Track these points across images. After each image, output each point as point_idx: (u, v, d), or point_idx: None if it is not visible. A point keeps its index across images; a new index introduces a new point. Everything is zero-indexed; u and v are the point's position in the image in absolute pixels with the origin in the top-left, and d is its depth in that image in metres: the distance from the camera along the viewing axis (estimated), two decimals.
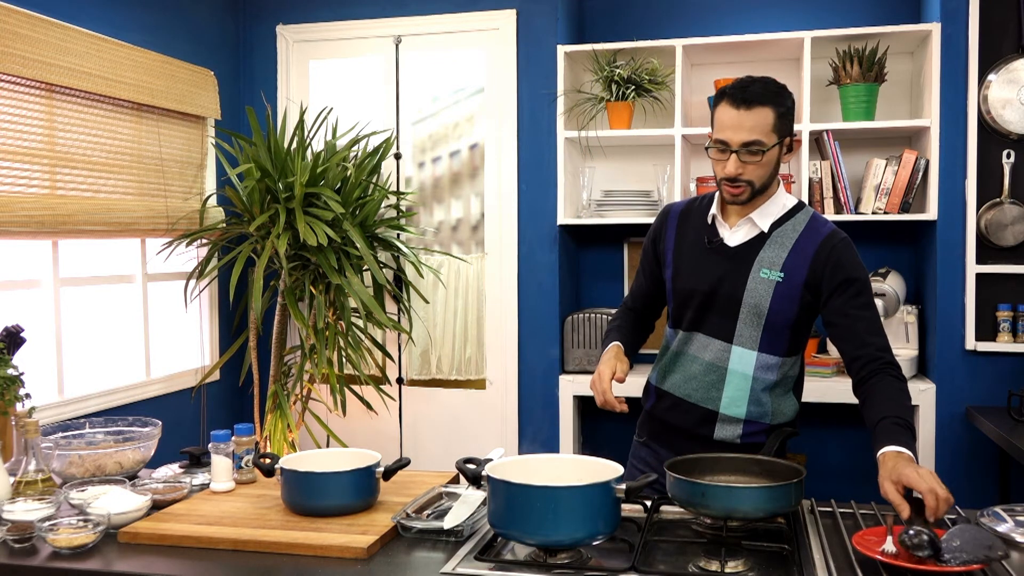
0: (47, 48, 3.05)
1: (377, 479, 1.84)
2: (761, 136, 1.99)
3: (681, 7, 4.18)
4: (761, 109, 1.99)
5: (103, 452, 2.07)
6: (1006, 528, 1.66)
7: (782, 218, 2.09)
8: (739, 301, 2.06)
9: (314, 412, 3.92)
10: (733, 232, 2.10)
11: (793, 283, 2.04)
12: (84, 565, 1.59)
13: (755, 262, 2.06)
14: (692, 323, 2.13)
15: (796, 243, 2.06)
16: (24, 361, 2.43)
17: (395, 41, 4.08)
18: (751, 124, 1.98)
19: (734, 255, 2.08)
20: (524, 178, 3.97)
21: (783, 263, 2.04)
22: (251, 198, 3.60)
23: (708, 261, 2.11)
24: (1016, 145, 3.50)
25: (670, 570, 1.53)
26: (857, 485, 4.07)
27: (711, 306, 2.10)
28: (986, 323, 3.53)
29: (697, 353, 2.13)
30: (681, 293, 2.15)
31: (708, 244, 2.11)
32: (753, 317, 2.05)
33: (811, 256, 2.04)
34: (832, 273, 2.02)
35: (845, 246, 2.06)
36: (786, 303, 2.04)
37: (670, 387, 2.19)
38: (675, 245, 2.18)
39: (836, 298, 2.02)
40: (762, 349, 2.08)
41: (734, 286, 2.06)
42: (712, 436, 2.12)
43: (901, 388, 1.94)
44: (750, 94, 1.99)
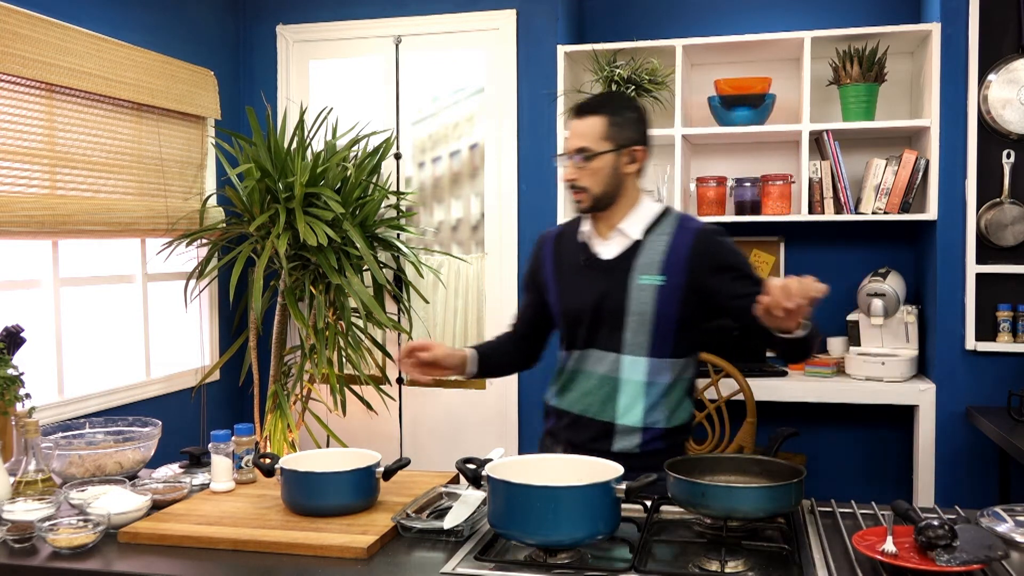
0: (47, 48, 3.05)
1: (377, 479, 1.84)
2: (589, 143, 2.08)
3: (681, 7, 4.18)
4: (593, 117, 2.08)
5: (103, 452, 2.07)
6: (1006, 528, 1.66)
7: (652, 224, 2.15)
8: (623, 311, 2.10)
9: (314, 412, 3.92)
10: (606, 245, 2.15)
11: (674, 284, 2.08)
12: (84, 565, 1.59)
13: (632, 270, 2.11)
14: (584, 341, 2.17)
15: (670, 245, 2.11)
16: (24, 361, 2.43)
17: (395, 41, 4.08)
18: (581, 131, 2.08)
19: (611, 267, 2.13)
20: (524, 178, 3.97)
21: (661, 266, 2.09)
22: (251, 198, 3.60)
23: (587, 278, 2.15)
24: (1016, 145, 3.50)
25: (670, 570, 1.53)
26: (857, 485, 4.08)
27: (599, 321, 2.14)
28: (986, 323, 3.52)
29: (591, 368, 2.16)
30: (568, 314, 2.18)
31: (584, 262, 2.17)
32: (640, 324, 2.09)
33: (687, 254, 2.09)
34: (711, 265, 2.08)
35: (717, 237, 2.13)
36: (670, 305, 2.08)
37: (567, 405, 2.20)
38: (554, 269, 2.22)
39: (722, 286, 2.08)
40: (652, 354, 2.11)
41: (617, 297, 2.10)
42: (611, 449, 2.11)
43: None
44: (587, 104, 2.11)
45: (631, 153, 2.10)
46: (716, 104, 3.87)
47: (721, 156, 4.17)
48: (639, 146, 2.11)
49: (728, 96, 3.83)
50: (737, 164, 4.11)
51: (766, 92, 3.82)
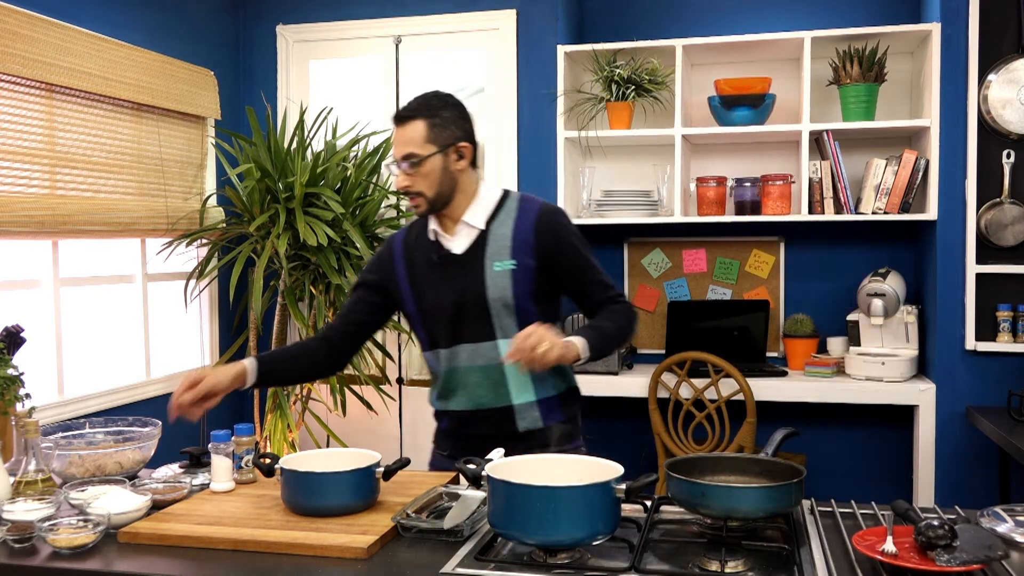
0: (47, 48, 3.05)
1: (377, 479, 1.84)
2: (415, 148, 2.08)
3: (681, 7, 4.18)
4: (413, 123, 2.09)
5: (103, 452, 2.07)
6: (1006, 528, 1.66)
7: (494, 212, 2.18)
8: (486, 300, 2.13)
9: (314, 412, 3.92)
10: (455, 239, 2.18)
11: (526, 264, 2.13)
12: (84, 565, 1.59)
13: (485, 259, 2.14)
14: (450, 338, 2.17)
15: (515, 228, 2.16)
16: (24, 361, 2.43)
17: (395, 41, 4.08)
18: (405, 138, 2.09)
19: (464, 260, 2.16)
20: (524, 178, 3.97)
21: (510, 251, 2.14)
22: (251, 198, 3.60)
23: (444, 275, 2.17)
24: (1016, 145, 3.50)
25: (670, 570, 1.53)
26: (857, 485, 4.08)
27: (463, 315, 2.15)
28: (986, 323, 3.52)
29: (469, 363, 2.16)
30: (430, 314, 2.19)
31: (437, 259, 2.18)
32: (504, 309, 2.13)
33: (532, 234, 2.14)
34: (553, 243, 2.14)
35: (557, 216, 2.19)
36: (526, 285, 2.13)
37: (457, 406, 2.20)
38: (407, 272, 2.22)
39: (562, 265, 2.16)
40: None
41: (476, 289, 2.13)
42: (518, 430, 2.17)
43: (613, 309, 2.18)
44: (404, 110, 2.11)
45: (458, 150, 2.14)
46: (716, 104, 3.87)
47: (721, 156, 4.17)
48: (464, 142, 2.15)
49: (728, 96, 3.83)
50: (737, 164, 4.11)
51: (766, 92, 3.82)
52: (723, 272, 4.22)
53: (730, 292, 4.21)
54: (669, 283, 4.28)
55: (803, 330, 3.96)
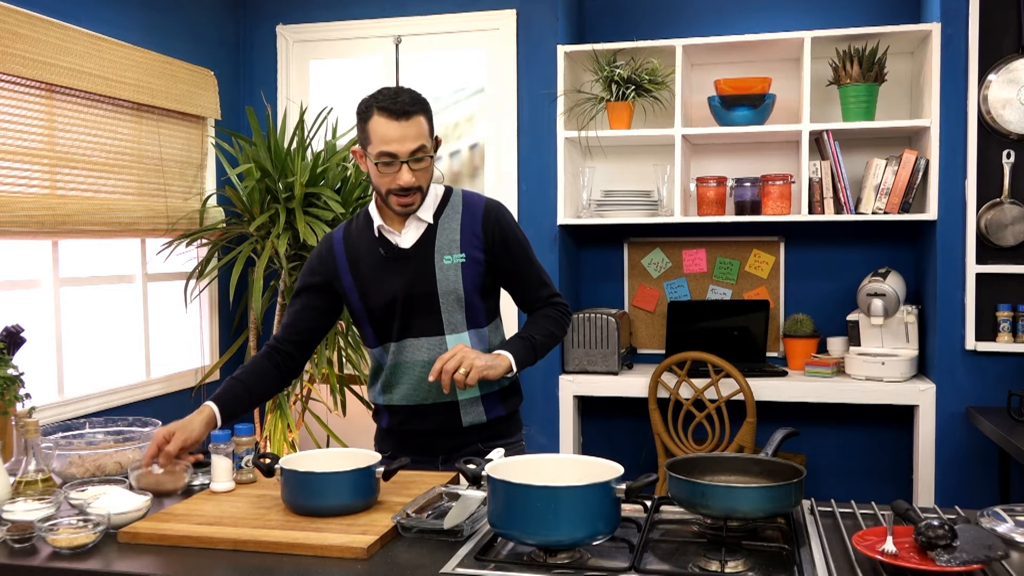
0: (47, 48, 3.05)
1: (377, 479, 1.84)
2: (424, 142, 2.07)
3: (681, 7, 4.18)
4: (416, 117, 2.06)
5: (103, 452, 2.07)
6: (1006, 528, 1.66)
7: (440, 205, 2.19)
8: (435, 294, 2.14)
9: (314, 412, 3.92)
10: (404, 235, 2.17)
11: (475, 258, 2.16)
12: (84, 565, 1.59)
13: (435, 253, 2.15)
14: (398, 332, 2.17)
15: (462, 223, 2.17)
16: (24, 361, 2.43)
17: (395, 41, 4.08)
18: (415, 133, 2.05)
19: (413, 255, 2.16)
20: (524, 178, 3.97)
21: (459, 244, 2.15)
22: (251, 198, 3.60)
23: (391, 270, 2.16)
24: (1016, 145, 3.50)
25: (670, 570, 1.53)
26: (857, 485, 4.08)
27: (412, 309, 2.15)
28: (986, 323, 3.52)
29: (414, 357, 2.16)
30: (377, 309, 2.17)
31: (385, 254, 2.17)
32: (453, 303, 2.15)
33: (480, 228, 2.17)
34: (500, 238, 2.18)
35: (503, 211, 2.23)
36: (475, 279, 2.16)
37: (401, 400, 2.20)
38: (350, 268, 2.20)
39: (507, 260, 2.19)
40: (469, 327, 2.18)
41: (425, 283, 2.14)
42: (462, 425, 2.19)
43: (547, 313, 2.24)
44: (404, 104, 2.05)
45: (436, 144, 2.16)
46: (716, 104, 3.87)
47: (721, 156, 4.17)
48: (438, 136, 2.17)
49: (728, 96, 3.83)
50: (737, 164, 4.11)
51: (766, 92, 3.82)
52: (723, 272, 4.22)
53: (730, 292, 4.21)
54: (669, 283, 4.28)
55: (803, 330, 3.96)
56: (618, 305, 4.33)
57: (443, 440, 2.20)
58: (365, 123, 2.09)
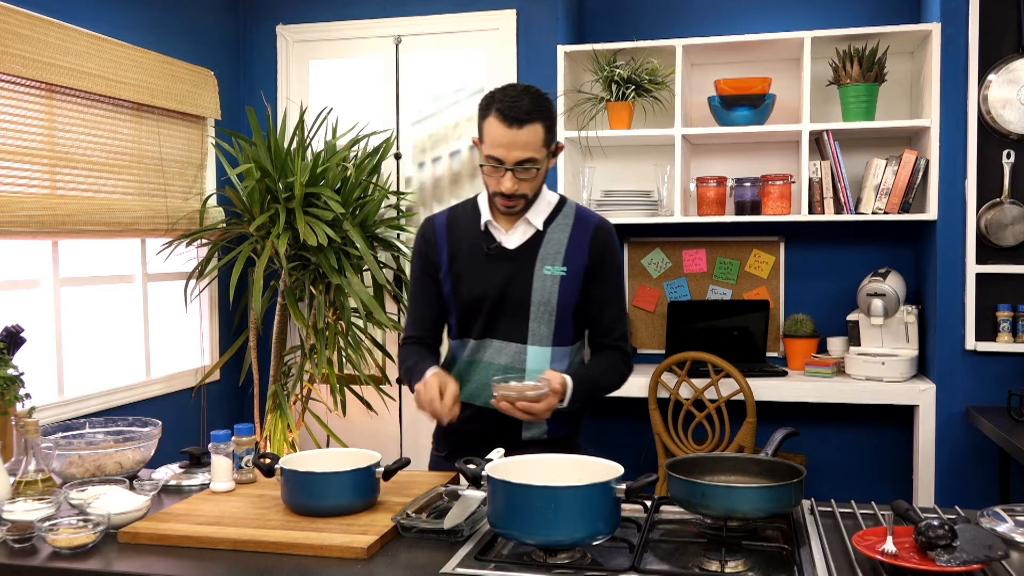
0: (47, 48, 3.05)
1: (377, 479, 1.84)
2: (534, 153, 2.00)
3: (681, 7, 4.18)
4: (532, 126, 1.98)
5: (103, 452, 2.07)
6: (1006, 528, 1.66)
7: (552, 214, 2.15)
8: (528, 301, 2.09)
9: (314, 412, 3.92)
10: (510, 235, 2.13)
11: (575, 274, 2.11)
12: (84, 565, 1.59)
13: (537, 260, 2.10)
14: (483, 330, 2.13)
15: (571, 236, 2.12)
16: (24, 361, 2.43)
17: (395, 41, 4.08)
18: (524, 142, 1.98)
19: (515, 257, 2.11)
20: None
21: (563, 257, 2.11)
22: (251, 198, 3.60)
23: (490, 267, 2.12)
24: (1016, 145, 3.50)
25: (670, 570, 1.53)
26: (857, 485, 4.08)
27: (501, 311, 2.11)
28: (986, 323, 3.52)
29: (492, 359, 2.12)
30: (466, 302, 2.13)
31: (487, 250, 2.13)
32: (544, 315, 2.10)
33: (587, 245, 2.12)
34: (601, 260, 2.13)
35: (612, 234, 2.18)
36: (572, 295, 2.11)
37: (467, 397, 2.15)
38: (449, 256, 2.15)
39: (598, 283, 2.13)
40: (555, 343, 2.12)
41: (521, 288, 2.10)
42: (521, 438, 2.13)
43: (613, 359, 2.17)
44: (521, 111, 1.97)
45: (556, 150, 2.11)
46: (716, 104, 3.87)
47: (721, 156, 4.17)
48: (559, 142, 2.13)
49: (728, 96, 3.83)
50: (737, 164, 4.11)
51: (766, 92, 3.82)
52: (723, 272, 4.22)
53: (730, 292, 4.21)
54: (669, 283, 4.28)
55: (803, 330, 3.96)
56: None
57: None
58: (482, 120, 2.04)
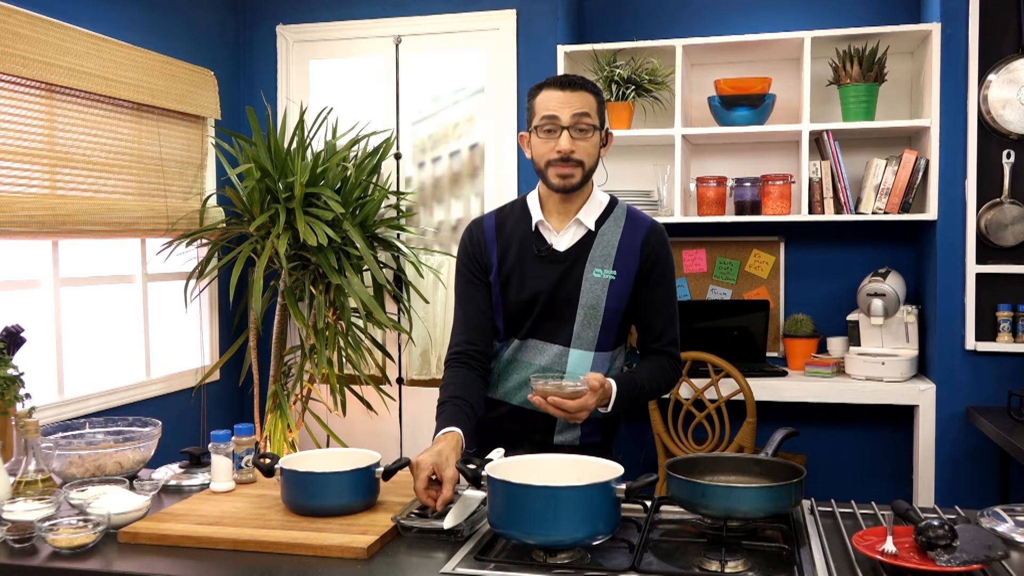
0: (47, 48, 3.05)
1: (377, 479, 1.84)
2: (589, 111, 2.02)
3: (681, 7, 4.18)
4: (584, 93, 2.03)
5: (103, 452, 2.07)
6: (1006, 528, 1.66)
7: (603, 215, 2.12)
8: (575, 304, 2.07)
9: (314, 412, 3.92)
10: (561, 236, 2.11)
11: (626, 278, 2.08)
12: (84, 565, 1.59)
13: (587, 263, 2.08)
14: (527, 331, 2.11)
15: (622, 239, 2.10)
16: (24, 361, 2.43)
17: (395, 41, 4.08)
18: (580, 102, 2.01)
19: (565, 258, 2.09)
20: (524, 178, 3.97)
21: (613, 261, 2.08)
22: (251, 198, 3.60)
23: (541, 268, 2.09)
24: (1016, 145, 3.50)
25: (670, 570, 1.53)
26: (857, 485, 4.08)
27: (548, 313, 2.09)
28: (986, 323, 3.52)
29: (532, 359, 2.10)
30: (516, 304, 2.11)
31: (538, 252, 2.10)
32: (591, 318, 2.07)
33: (639, 249, 2.09)
34: (653, 262, 2.10)
35: (665, 237, 2.15)
36: (621, 301, 2.08)
37: (503, 395, 2.14)
38: (499, 258, 2.13)
39: (649, 287, 2.10)
40: (597, 348, 2.10)
41: (569, 290, 2.07)
42: (552, 441, 2.11)
43: (662, 365, 2.13)
44: (572, 79, 2.04)
45: (606, 136, 2.11)
46: (716, 104, 3.87)
47: (721, 156, 4.17)
48: (610, 131, 2.13)
49: (728, 96, 3.83)
50: (737, 164, 4.11)
51: (766, 92, 3.82)
52: (723, 272, 4.22)
53: (730, 292, 4.21)
54: None
55: (803, 330, 3.96)
56: None
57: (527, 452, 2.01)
58: (533, 100, 2.06)
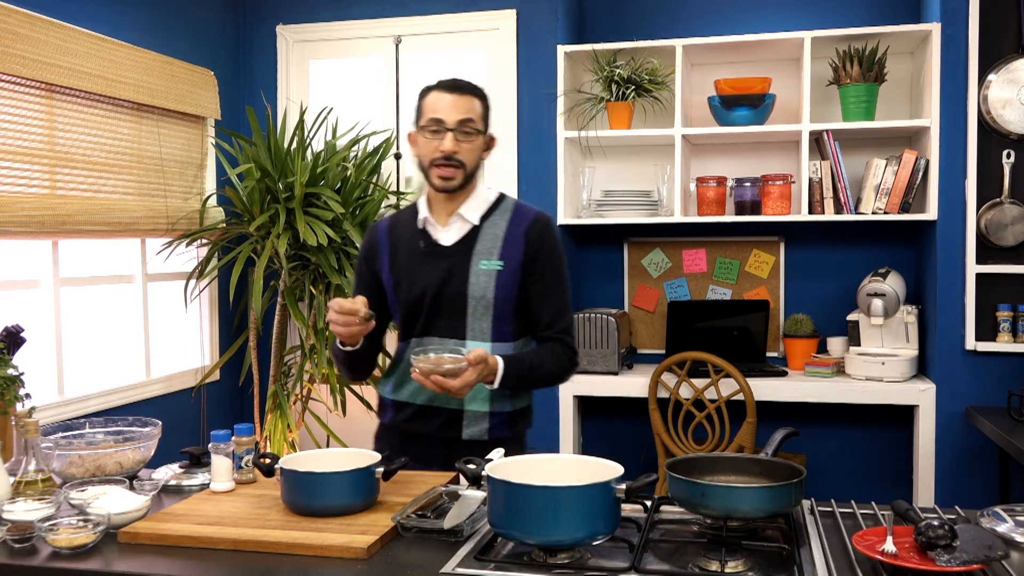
0: (47, 48, 3.05)
1: (377, 479, 1.84)
2: (474, 117, 2.11)
3: (681, 7, 4.18)
4: (471, 97, 2.13)
5: (103, 452, 2.07)
6: (1006, 528, 1.66)
7: (489, 210, 2.18)
8: (465, 296, 2.12)
9: (314, 412, 3.92)
10: (446, 231, 2.16)
11: (512, 269, 2.12)
12: (84, 565, 1.59)
13: (472, 256, 2.13)
14: (423, 328, 2.16)
15: (507, 231, 2.15)
16: (24, 361, 2.43)
17: (395, 41, 4.08)
18: (466, 106, 2.11)
19: (451, 253, 2.15)
20: (524, 178, 3.97)
21: (499, 252, 2.13)
22: (251, 198, 3.61)
23: (427, 264, 2.15)
24: (1016, 145, 3.50)
25: (670, 570, 1.53)
26: (857, 485, 4.08)
27: (439, 308, 2.14)
28: (986, 323, 3.52)
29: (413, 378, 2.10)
30: (407, 302, 2.16)
31: (424, 248, 2.16)
32: (481, 309, 2.12)
33: (523, 238, 2.14)
34: (538, 253, 2.14)
35: (550, 225, 2.20)
36: (509, 290, 2.12)
37: (409, 396, 2.18)
38: (390, 259, 2.19)
39: (537, 274, 2.14)
40: (494, 339, 2.14)
41: (457, 283, 2.12)
42: (461, 437, 2.15)
43: (554, 350, 2.15)
44: (463, 83, 2.14)
45: (489, 140, 2.18)
46: (716, 104, 3.87)
47: (721, 156, 4.17)
48: (493, 135, 2.20)
49: (728, 96, 3.83)
50: (737, 164, 4.11)
51: (766, 92, 3.82)
52: (723, 272, 4.22)
53: (730, 292, 4.21)
54: (669, 283, 4.28)
55: (803, 330, 3.96)
56: (618, 305, 4.33)
57: (439, 451, 2.13)
58: (421, 100, 2.15)
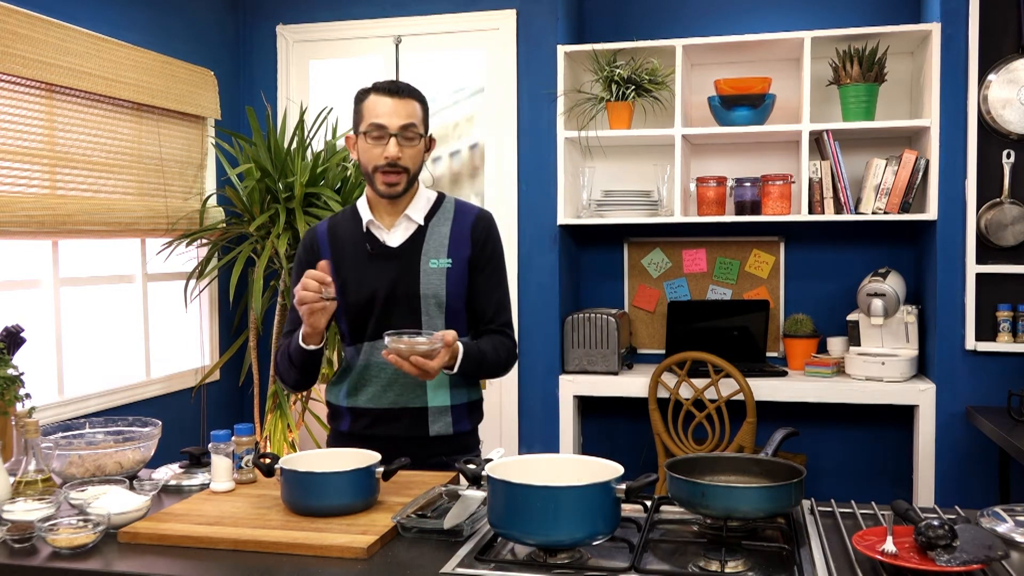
0: (47, 48, 3.05)
1: (377, 479, 1.84)
2: (416, 121, 2.11)
3: (681, 7, 4.18)
4: (411, 101, 2.12)
5: (103, 452, 2.07)
6: (1006, 528, 1.66)
7: (432, 209, 2.20)
8: (418, 296, 2.13)
9: (314, 412, 3.92)
10: (392, 233, 2.17)
11: (460, 266, 2.15)
12: (84, 565, 1.59)
13: (422, 255, 2.15)
14: (375, 331, 2.14)
15: (453, 229, 2.18)
16: (24, 361, 2.43)
17: (395, 41, 4.08)
18: (407, 111, 2.10)
19: (399, 254, 2.15)
20: (524, 178, 3.97)
21: (447, 250, 2.15)
22: (251, 198, 3.61)
23: (375, 267, 2.15)
24: (1016, 145, 3.50)
25: (670, 570, 1.53)
26: (857, 485, 4.08)
27: (392, 308, 2.14)
28: (986, 323, 3.52)
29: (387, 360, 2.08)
30: (356, 305, 2.15)
31: (371, 250, 2.16)
32: (434, 307, 2.14)
33: (469, 235, 2.18)
34: (483, 248, 2.19)
35: (493, 223, 2.24)
36: (459, 287, 2.15)
37: (367, 402, 2.17)
38: (334, 263, 2.16)
39: (480, 271, 2.18)
40: None
41: (409, 283, 2.13)
42: (428, 434, 2.16)
43: (502, 341, 2.20)
44: (400, 87, 2.13)
45: (430, 142, 2.19)
46: (716, 104, 3.87)
47: (721, 156, 4.17)
48: (432, 136, 2.21)
49: (728, 96, 3.83)
50: (737, 164, 4.11)
51: (766, 92, 3.82)
52: (723, 272, 4.22)
53: (730, 292, 4.21)
54: (669, 283, 4.28)
55: (803, 330, 3.96)
56: (618, 305, 4.33)
57: (406, 450, 2.09)
58: (360, 104, 2.14)
